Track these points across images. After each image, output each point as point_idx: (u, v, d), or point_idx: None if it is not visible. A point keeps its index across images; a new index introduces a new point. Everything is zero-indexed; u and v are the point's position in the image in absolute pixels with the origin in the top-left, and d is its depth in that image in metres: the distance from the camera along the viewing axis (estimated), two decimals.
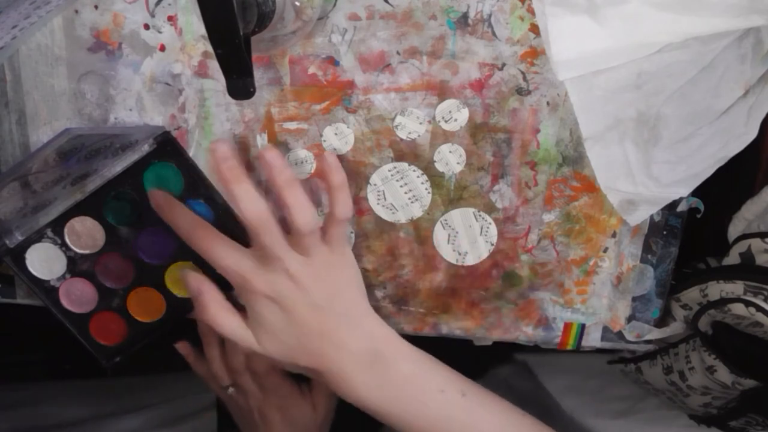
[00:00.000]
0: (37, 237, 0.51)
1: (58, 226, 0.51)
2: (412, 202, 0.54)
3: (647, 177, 0.51)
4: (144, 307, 0.55)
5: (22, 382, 0.77)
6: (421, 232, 0.55)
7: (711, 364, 0.54)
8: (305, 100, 0.52)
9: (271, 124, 0.53)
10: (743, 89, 0.49)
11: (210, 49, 0.45)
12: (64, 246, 0.52)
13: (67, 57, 0.52)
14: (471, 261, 0.56)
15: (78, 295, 0.54)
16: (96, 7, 0.50)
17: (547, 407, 0.73)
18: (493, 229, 0.55)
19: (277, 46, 0.49)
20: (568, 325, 0.58)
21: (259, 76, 0.51)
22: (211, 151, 0.41)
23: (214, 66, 0.51)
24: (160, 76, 0.52)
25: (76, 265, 0.53)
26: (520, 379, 0.80)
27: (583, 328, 0.58)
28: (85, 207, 0.51)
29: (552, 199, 0.54)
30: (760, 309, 0.48)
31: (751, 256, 0.53)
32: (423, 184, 0.53)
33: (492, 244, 0.55)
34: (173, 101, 0.52)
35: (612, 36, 0.46)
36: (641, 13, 0.45)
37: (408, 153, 0.53)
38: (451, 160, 0.53)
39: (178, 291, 0.55)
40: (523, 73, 0.50)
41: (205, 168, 0.53)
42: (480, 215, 0.54)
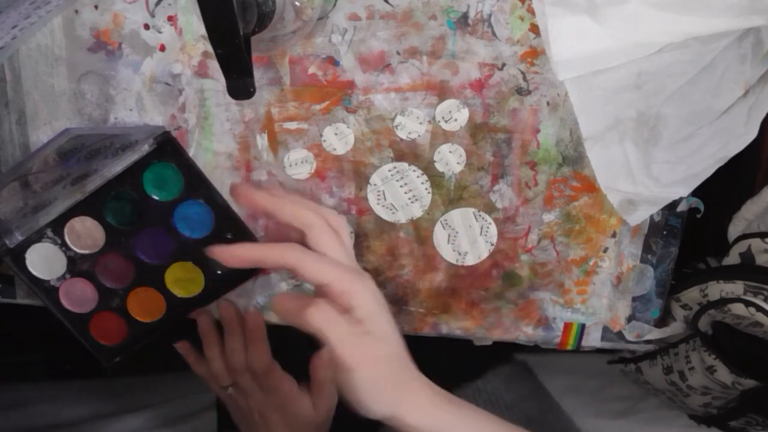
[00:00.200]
0: (37, 237, 0.51)
1: (58, 226, 0.51)
2: (412, 202, 0.54)
3: (647, 177, 0.51)
4: (144, 307, 0.55)
5: (22, 382, 0.77)
6: (421, 232, 0.55)
7: (711, 364, 0.54)
8: (305, 100, 0.52)
9: (271, 124, 0.53)
10: (743, 89, 0.49)
11: (210, 49, 0.45)
12: (64, 246, 0.52)
13: (67, 57, 0.52)
14: (471, 261, 0.56)
15: (78, 295, 0.54)
16: (96, 7, 0.50)
17: (547, 407, 0.73)
18: (493, 229, 0.55)
19: (277, 46, 0.49)
20: (568, 325, 0.58)
21: (259, 76, 0.51)
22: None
23: (214, 66, 0.51)
24: (160, 76, 0.52)
25: (76, 265, 0.53)
26: (520, 379, 0.80)
27: (583, 328, 0.58)
28: (85, 207, 0.51)
29: (552, 199, 0.54)
30: (760, 309, 0.48)
31: (751, 256, 0.53)
32: (423, 184, 0.53)
33: (492, 244, 0.55)
34: (173, 101, 0.52)
35: (612, 36, 0.46)
36: (641, 13, 0.45)
37: (408, 153, 0.53)
38: (451, 160, 0.53)
39: (177, 291, 0.55)
40: (523, 73, 0.50)
41: (205, 168, 0.53)
42: (480, 215, 0.54)
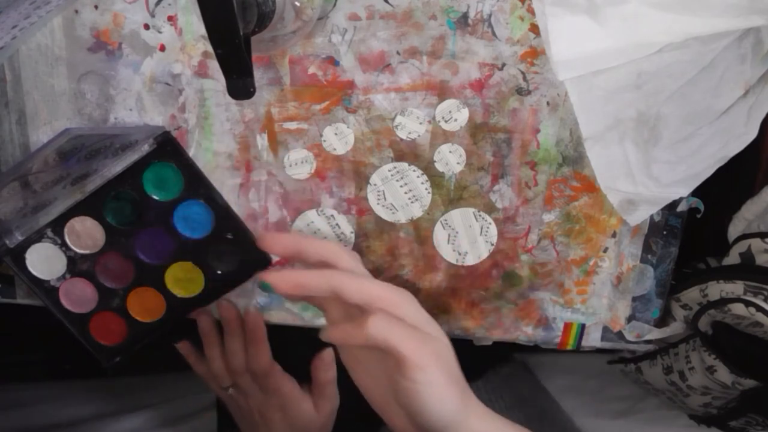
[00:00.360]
0: (37, 237, 0.51)
1: (58, 226, 0.51)
2: (412, 202, 0.54)
3: (647, 177, 0.51)
4: (144, 307, 0.55)
5: (22, 382, 0.77)
6: (421, 232, 0.55)
7: (711, 364, 0.54)
8: (305, 100, 0.52)
9: (271, 124, 0.53)
10: (743, 89, 0.49)
11: (210, 49, 0.45)
12: (64, 246, 0.52)
13: (67, 57, 0.52)
14: (471, 261, 0.56)
15: (78, 295, 0.54)
16: (96, 7, 0.50)
17: (547, 407, 0.73)
18: (493, 229, 0.55)
19: (277, 46, 0.49)
20: (568, 325, 0.58)
21: (259, 76, 0.51)
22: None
23: (214, 66, 0.51)
24: (160, 76, 0.52)
25: (76, 265, 0.53)
26: (520, 379, 0.80)
27: (583, 328, 0.58)
28: (85, 207, 0.51)
29: (552, 199, 0.54)
30: (760, 309, 0.48)
31: (751, 256, 0.53)
32: (423, 184, 0.53)
33: (492, 244, 0.55)
34: (173, 101, 0.52)
35: (612, 36, 0.46)
36: (641, 13, 0.45)
37: (408, 153, 0.53)
38: (451, 160, 0.53)
39: (177, 291, 0.55)
40: (523, 73, 0.50)
41: (205, 168, 0.53)
42: (480, 215, 0.54)
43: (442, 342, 0.43)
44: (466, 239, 0.55)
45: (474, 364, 0.67)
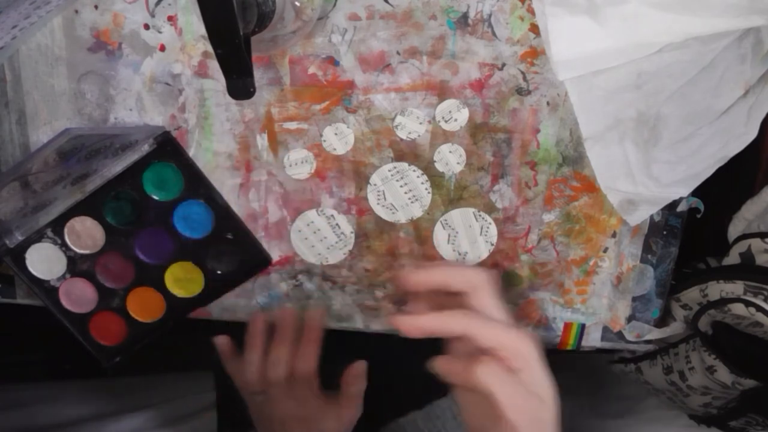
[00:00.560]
0: (37, 237, 0.51)
1: (58, 226, 0.51)
2: (412, 202, 0.54)
3: (647, 177, 0.51)
4: (144, 307, 0.55)
5: (22, 382, 0.77)
6: (421, 232, 0.55)
7: (711, 364, 0.54)
8: (305, 100, 0.52)
9: (271, 124, 0.53)
10: (743, 89, 0.49)
11: (210, 49, 0.45)
12: (64, 246, 0.52)
13: (67, 57, 0.52)
14: (471, 261, 0.56)
15: (78, 295, 0.54)
16: (96, 7, 0.50)
17: None
18: (493, 229, 0.55)
19: (277, 46, 0.49)
20: (568, 325, 0.58)
21: (259, 76, 0.51)
22: None
23: (214, 66, 0.51)
24: (160, 76, 0.52)
25: (76, 265, 0.53)
26: None
27: (583, 328, 0.58)
28: (85, 207, 0.51)
29: (552, 199, 0.54)
30: (760, 309, 0.48)
31: (751, 256, 0.53)
32: (423, 184, 0.53)
33: (492, 244, 0.55)
34: (173, 101, 0.52)
35: (612, 36, 0.46)
36: (641, 13, 0.45)
37: (408, 153, 0.53)
38: (451, 160, 0.53)
39: (177, 291, 0.55)
40: (523, 73, 0.50)
41: (205, 168, 0.53)
42: (480, 215, 0.54)
43: (546, 405, 0.43)
44: (466, 239, 0.55)
45: None
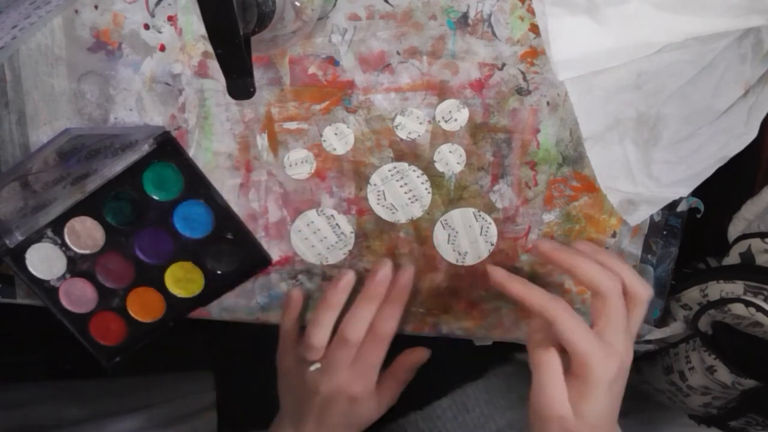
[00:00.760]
0: (37, 237, 0.51)
1: (58, 226, 0.51)
2: (412, 202, 0.54)
3: (647, 177, 0.51)
4: (144, 307, 0.55)
5: (22, 382, 0.77)
6: (421, 232, 0.55)
7: (711, 364, 0.54)
8: (305, 100, 0.52)
9: (271, 124, 0.53)
10: (743, 89, 0.49)
11: (210, 49, 0.45)
12: (64, 246, 0.52)
13: (67, 57, 0.52)
14: (471, 261, 0.56)
15: (78, 295, 0.54)
16: (96, 7, 0.50)
17: None
18: (493, 229, 0.55)
19: (277, 46, 0.49)
20: None
21: (259, 76, 0.51)
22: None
23: (214, 66, 0.51)
24: (160, 76, 0.52)
25: (76, 265, 0.53)
26: (520, 379, 0.80)
27: None
28: (85, 207, 0.51)
29: (552, 199, 0.54)
30: (760, 309, 0.48)
31: (751, 256, 0.53)
32: (423, 184, 0.53)
33: (492, 244, 0.55)
34: (173, 101, 0.52)
35: (612, 36, 0.46)
36: (641, 13, 0.45)
37: (408, 153, 0.53)
38: (451, 160, 0.53)
39: (177, 291, 0.55)
40: (523, 73, 0.50)
41: (205, 168, 0.53)
42: (480, 215, 0.54)
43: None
44: (466, 239, 0.55)
45: (474, 364, 0.67)
